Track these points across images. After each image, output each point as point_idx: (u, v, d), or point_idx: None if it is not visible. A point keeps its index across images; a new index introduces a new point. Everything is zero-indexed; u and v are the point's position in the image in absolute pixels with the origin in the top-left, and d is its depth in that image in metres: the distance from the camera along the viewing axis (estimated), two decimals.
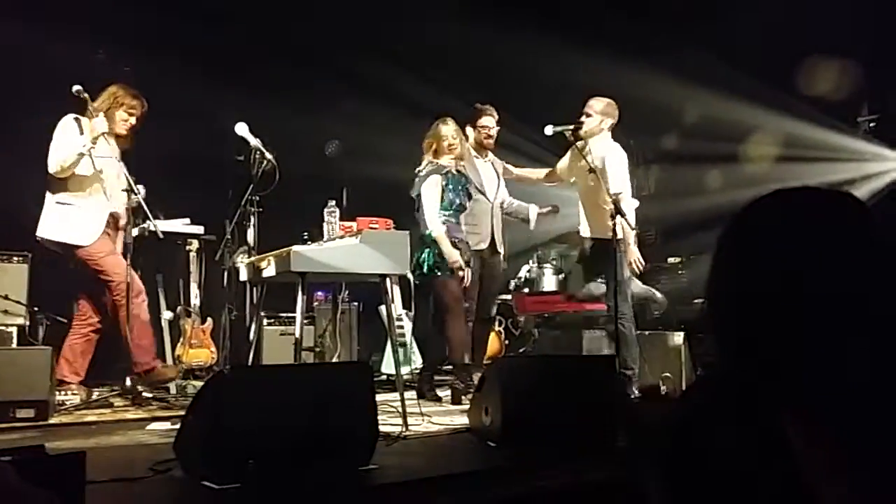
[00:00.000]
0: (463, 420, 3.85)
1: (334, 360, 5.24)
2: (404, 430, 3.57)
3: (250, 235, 4.36)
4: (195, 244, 5.72)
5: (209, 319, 6.03)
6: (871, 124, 7.38)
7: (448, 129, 5.02)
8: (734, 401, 1.01)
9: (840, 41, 6.64)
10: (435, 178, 4.94)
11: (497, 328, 5.88)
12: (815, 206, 1.03)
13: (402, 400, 3.76)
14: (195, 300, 5.94)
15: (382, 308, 5.34)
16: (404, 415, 3.67)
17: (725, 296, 1.04)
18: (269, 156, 4.25)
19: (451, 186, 4.97)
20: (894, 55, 6.65)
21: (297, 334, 3.76)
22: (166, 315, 5.32)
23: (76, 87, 4.49)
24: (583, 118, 5.21)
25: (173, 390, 5.04)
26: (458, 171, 5.05)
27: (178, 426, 2.98)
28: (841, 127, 7.29)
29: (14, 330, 5.33)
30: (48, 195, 4.66)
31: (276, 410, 2.73)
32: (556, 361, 4.13)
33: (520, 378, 3.42)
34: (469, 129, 5.33)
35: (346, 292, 6.03)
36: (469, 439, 3.52)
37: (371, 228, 3.89)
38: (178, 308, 5.94)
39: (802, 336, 0.94)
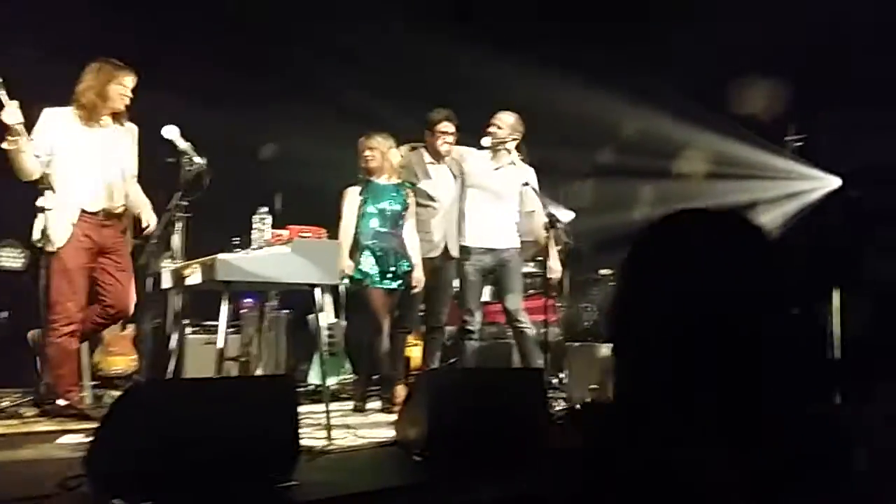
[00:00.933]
0: (390, 433, 3.79)
1: (260, 369, 5.11)
2: (328, 443, 3.49)
3: (175, 241, 4.20)
4: None
5: (130, 326, 5.84)
6: (798, 144, 7.62)
7: (362, 143, 5.07)
8: (624, 428, 1.00)
9: (769, 62, 6.84)
10: (349, 189, 5.04)
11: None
12: (704, 229, 1.05)
13: (328, 412, 3.69)
14: None
15: (312, 317, 5.25)
16: (328, 428, 3.59)
17: (621, 318, 1.05)
18: (197, 160, 4.10)
19: (374, 196, 4.97)
20: (820, 77, 6.87)
21: (220, 345, 3.64)
22: None
23: None
24: (491, 129, 5.27)
25: (89, 400, 4.83)
26: (390, 180, 5.03)
27: (90, 439, 2.85)
28: (769, 146, 7.51)
29: None
30: None
31: (193, 425, 2.63)
32: (484, 374, 4.11)
33: (447, 390, 3.38)
34: (427, 134, 5.30)
35: (277, 299, 5.91)
36: (396, 453, 3.46)
37: (302, 237, 3.81)
38: None
39: (693, 357, 0.94)
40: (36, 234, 4.30)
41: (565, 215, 7.40)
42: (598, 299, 6.74)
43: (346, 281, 4.85)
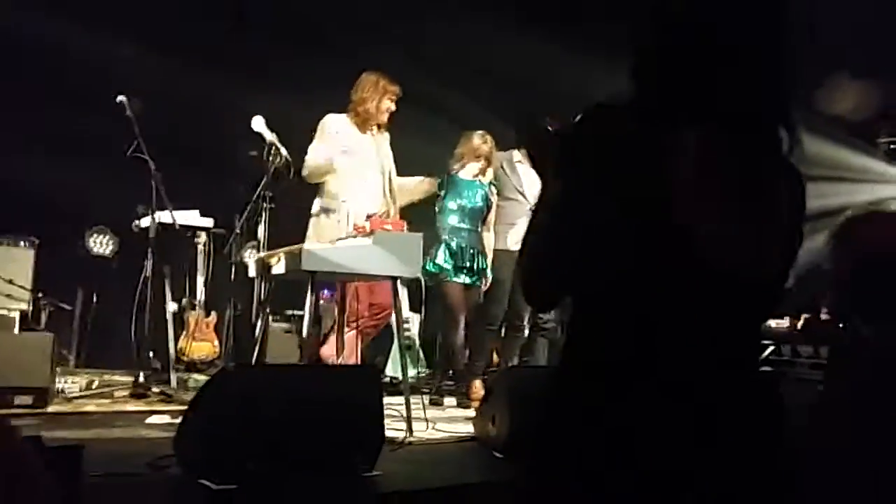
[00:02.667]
0: (468, 428, 3.78)
1: (339, 361, 5.15)
2: (408, 435, 3.49)
3: (260, 231, 4.28)
4: (203, 237, 5.65)
5: (213, 313, 5.97)
6: (892, 146, 7.29)
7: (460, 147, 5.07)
8: None
9: (861, 59, 6.56)
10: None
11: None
12: None
13: (408, 404, 3.68)
14: (200, 293, 5.88)
15: None
16: (409, 420, 3.59)
17: None
18: (284, 152, 4.17)
19: (453, 191, 4.97)
20: None
21: (305, 333, 3.68)
22: (171, 307, 5.23)
23: (121, 98, 4.41)
24: None
25: (174, 383, 4.96)
26: (475, 177, 5.01)
27: (177, 420, 2.93)
28: (861, 147, 7.20)
29: (17, 315, 5.25)
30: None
31: (280, 411, 2.65)
32: None
33: (529, 389, 3.34)
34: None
35: None
36: (475, 449, 3.44)
37: (384, 230, 3.82)
38: (183, 300, 5.88)
39: None
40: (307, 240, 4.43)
41: None
42: None
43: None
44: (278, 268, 3.86)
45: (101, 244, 6.05)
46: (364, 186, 4.47)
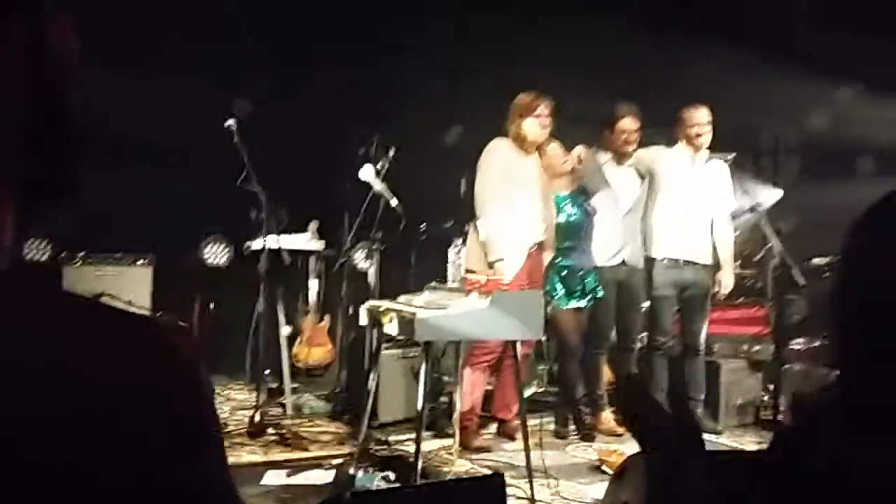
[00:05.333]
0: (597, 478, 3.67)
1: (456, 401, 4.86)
2: None
3: (371, 275, 4.15)
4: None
5: (326, 317, 5.95)
6: None
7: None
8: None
9: None
10: None
11: None
12: None
13: (529, 471, 3.55)
14: (313, 298, 5.84)
15: None
16: (531, 487, 3.46)
17: (849, 305, 0.96)
18: (394, 203, 4.00)
19: (563, 205, 4.65)
20: None
21: (420, 406, 3.55)
22: (284, 331, 5.18)
23: (229, 122, 4.38)
24: (691, 130, 4.83)
25: (289, 410, 4.95)
26: (568, 189, 4.70)
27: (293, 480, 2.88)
28: None
29: None
30: None
31: None
32: (723, 460, 3.77)
33: (673, 475, 3.11)
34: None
35: None
36: None
37: (500, 289, 3.64)
38: (298, 305, 5.88)
39: None
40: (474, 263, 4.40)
41: (771, 194, 6.73)
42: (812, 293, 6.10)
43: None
44: (391, 329, 3.74)
45: (215, 254, 6.07)
46: (527, 214, 4.34)
